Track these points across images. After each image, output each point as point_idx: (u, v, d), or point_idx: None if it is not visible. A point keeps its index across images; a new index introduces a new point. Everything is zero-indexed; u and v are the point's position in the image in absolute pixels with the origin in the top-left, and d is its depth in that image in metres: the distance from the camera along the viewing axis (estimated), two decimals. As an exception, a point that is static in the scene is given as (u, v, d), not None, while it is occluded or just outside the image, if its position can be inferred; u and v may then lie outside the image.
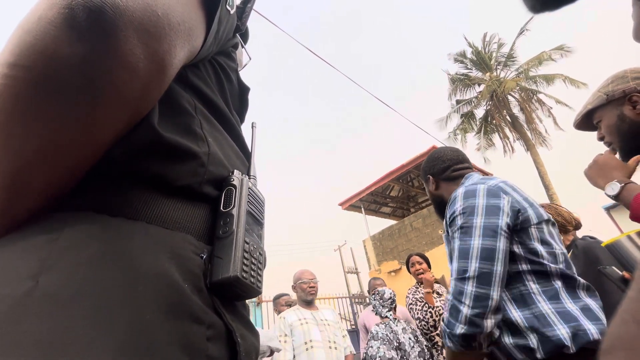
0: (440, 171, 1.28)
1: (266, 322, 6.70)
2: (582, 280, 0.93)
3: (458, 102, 16.24)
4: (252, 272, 0.38)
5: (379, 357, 2.31)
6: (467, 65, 16.30)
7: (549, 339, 0.84)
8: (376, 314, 2.69)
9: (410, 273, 2.94)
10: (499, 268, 0.89)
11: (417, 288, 2.85)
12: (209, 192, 0.40)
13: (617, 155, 1.10)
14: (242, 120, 0.61)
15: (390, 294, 2.77)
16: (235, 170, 0.44)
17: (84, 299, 0.26)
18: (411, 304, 2.78)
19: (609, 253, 1.75)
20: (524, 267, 0.93)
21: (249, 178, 0.46)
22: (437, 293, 2.79)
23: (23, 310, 0.25)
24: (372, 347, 2.42)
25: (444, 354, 2.50)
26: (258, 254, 0.41)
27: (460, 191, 1.04)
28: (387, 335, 2.42)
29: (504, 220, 0.94)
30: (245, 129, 0.59)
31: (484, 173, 11.06)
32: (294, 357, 2.30)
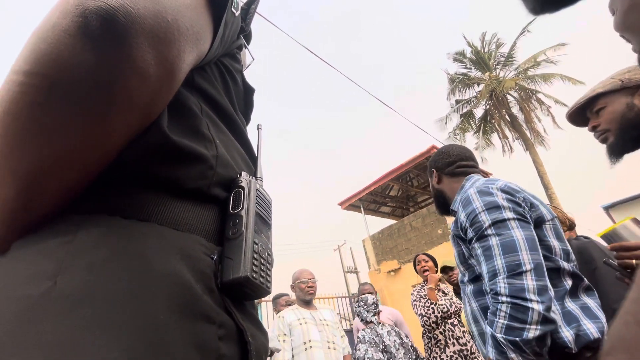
0: (445, 165, 1.27)
1: (265, 321, 6.71)
2: (586, 280, 0.94)
3: (457, 101, 16.24)
4: (262, 273, 0.39)
5: (367, 358, 2.38)
6: (467, 64, 16.31)
7: (554, 341, 0.84)
8: (361, 320, 2.75)
9: (417, 272, 2.99)
10: (541, 257, 0.83)
11: (423, 286, 2.90)
12: (218, 194, 0.41)
13: (605, 146, 1.10)
14: (247, 121, 0.61)
15: (373, 299, 2.82)
16: (243, 172, 0.44)
17: (99, 300, 0.27)
18: (415, 300, 2.84)
19: (603, 252, 1.76)
20: None
21: (256, 179, 0.46)
22: (443, 292, 2.81)
23: (40, 310, 0.25)
24: (359, 349, 2.48)
25: (447, 353, 2.51)
26: (267, 254, 0.41)
27: (472, 191, 1.01)
28: (373, 338, 2.49)
29: (527, 213, 0.93)
30: (250, 130, 0.59)
31: (484, 173, 11.05)
32: (293, 357, 2.29)
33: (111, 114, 0.30)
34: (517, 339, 0.76)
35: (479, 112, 16.27)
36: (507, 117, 15.53)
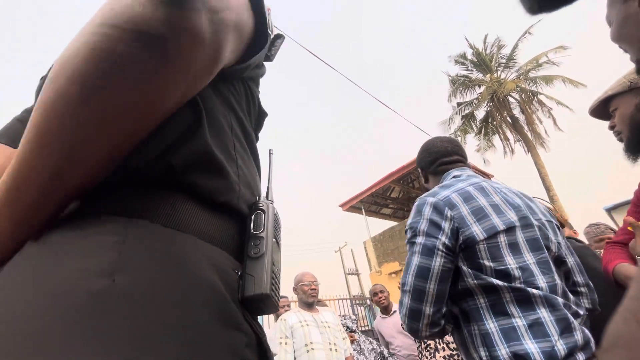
0: (428, 164, 1.24)
1: (266, 324, 6.72)
2: (537, 292, 0.87)
3: (459, 104, 16.25)
4: (277, 291, 0.42)
5: None
6: (468, 66, 16.32)
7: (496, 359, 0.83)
8: (346, 329, 3.22)
9: None
10: (431, 286, 0.92)
11: None
12: (243, 210, 0.44)
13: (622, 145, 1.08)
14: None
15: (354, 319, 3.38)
16: (261, 195, 0.48)
17: (155, 302, 0.29)
18: None
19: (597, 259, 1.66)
20: (471, 282, 0.91)
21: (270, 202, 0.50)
22: None
23: (102, 305, 0.27)
24: None
25: (437, 357, 2.50)
26: (278, 274, 0.45)
27: (415, 204, 1.06)
28: (355, 348, 3.01)
29: (441, 241, 0.94)
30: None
31: (483, 174, 11.03)
32: (295, 359, 2.30)
33: (164, 70, 0.33)
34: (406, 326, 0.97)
35: (480, 114, 16.28)
36: (508, 118, 15.52)
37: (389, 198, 13.33)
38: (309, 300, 2.61)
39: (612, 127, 1.12)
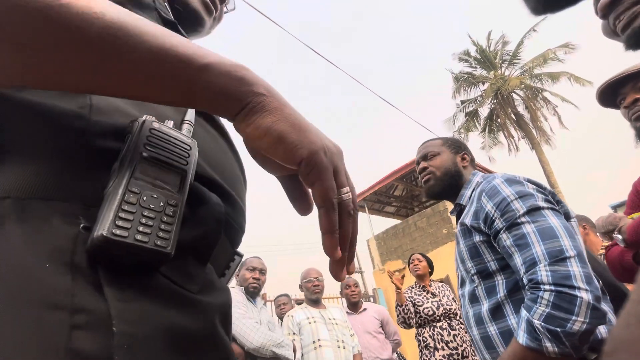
0: (472, 158, 1.29)
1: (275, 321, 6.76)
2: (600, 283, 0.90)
3: (463, 101, 16.16)
4: (141, 227, 0.28)
5: None
6: (472, 63, 16.22)
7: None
8: None
9: (410, 272, 2.99)
10: (582, 246, 0.77)
11: (413, 289, 2.89)
12: (101, 146, 0.32)
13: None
14: None
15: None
16: (144, 116, 0.34)
17: None
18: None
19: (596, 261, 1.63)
20: None
21: (182, 123, 0.38)
22: (432, 294, 2.76)
23: None
24: None
25: (436, 356, 2.45)
26: (164, 204, 0.31)
27: (498, 181, 0.95)
28: None
29: (556, 206, 0.88)
30: None
31: (488, 172, 10.97)
32: (302, 355, 2.31)
33: None
34: (558, 329, 0.68)
35: (484, 111, 16.19)
36: (512, 115, 15.42)
37: (392, 196, 13.31)
38: (313, 297, 2.62)
39: (636, 101, 1.01)
